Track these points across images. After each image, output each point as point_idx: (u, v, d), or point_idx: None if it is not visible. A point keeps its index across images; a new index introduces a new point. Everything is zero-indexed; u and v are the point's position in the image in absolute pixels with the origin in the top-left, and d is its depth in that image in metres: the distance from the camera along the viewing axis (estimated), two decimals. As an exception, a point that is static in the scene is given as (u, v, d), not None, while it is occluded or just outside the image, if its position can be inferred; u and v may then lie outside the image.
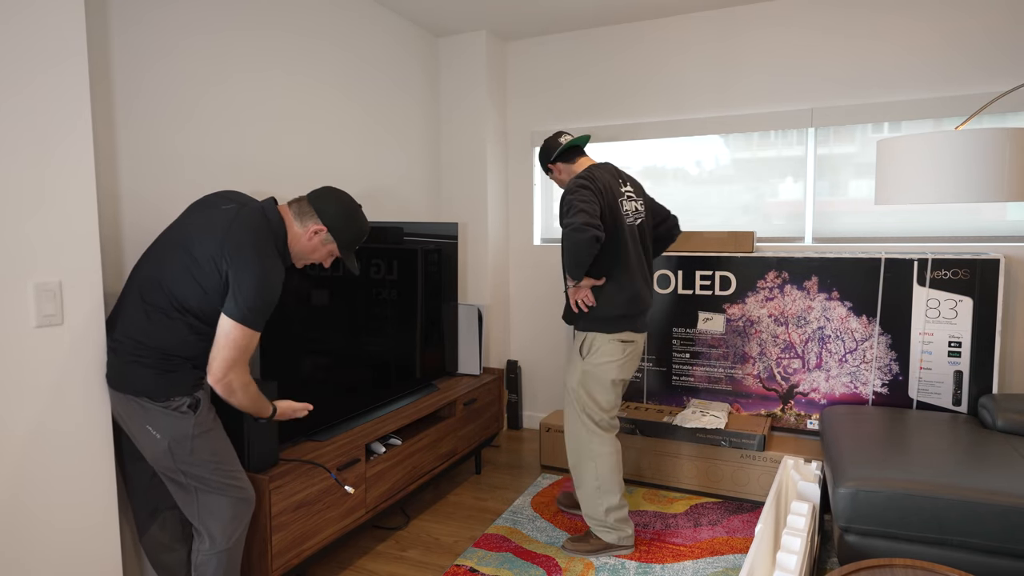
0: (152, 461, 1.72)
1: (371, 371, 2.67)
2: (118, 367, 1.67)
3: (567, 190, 2.29)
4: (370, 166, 3.22)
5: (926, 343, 2.88)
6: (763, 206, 3.40)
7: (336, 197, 1.84)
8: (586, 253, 2.14)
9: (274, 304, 1.70)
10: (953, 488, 1.95)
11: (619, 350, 2.38)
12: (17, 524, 1.54)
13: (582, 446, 2.43)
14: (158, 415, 1.67)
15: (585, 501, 2.44)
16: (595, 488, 2.40)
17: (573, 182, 2.30)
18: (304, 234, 1.80)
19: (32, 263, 1.55)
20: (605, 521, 2.41)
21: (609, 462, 2.40)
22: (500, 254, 3.92)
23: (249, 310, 1.64)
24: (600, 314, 2.35)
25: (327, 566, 2.41)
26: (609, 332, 2.36)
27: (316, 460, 2.13)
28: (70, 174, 1.62)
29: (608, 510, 2.40)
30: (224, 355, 1.65)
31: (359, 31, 3.10)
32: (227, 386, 1.68)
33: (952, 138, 1.85)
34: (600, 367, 2.37)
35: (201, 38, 2.28)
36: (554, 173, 2.56)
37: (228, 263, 1.64)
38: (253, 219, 1.70)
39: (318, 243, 1.82)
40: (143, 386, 1.66)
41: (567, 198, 2.25)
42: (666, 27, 3.49)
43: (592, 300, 2.34)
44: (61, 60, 1.59)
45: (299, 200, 1.82)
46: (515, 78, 3.90)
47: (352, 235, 1.86)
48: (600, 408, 2.41)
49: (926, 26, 2.99)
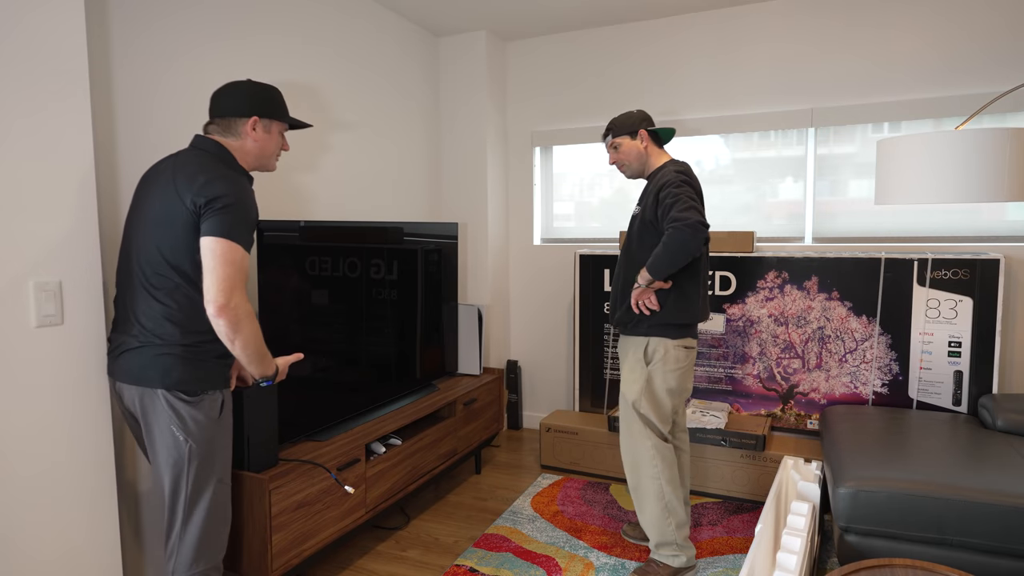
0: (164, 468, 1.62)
1: (371, 371, 2.67)
2: (146, 361, 1.58)
3: (670, 182, 2.11)
4: (370, 165, 3.22)
5: (926, 343, 2.88)
6: (763, 206, 3.40)
7: (232, 88, 1.71)
8: (692, 254, 2.01)
9: (253, 218, 1.60)
10: (953, 488, 1.95)
11: (684, 356, 2.24)
12: (17, 524, 1.54)
13: (643, 463, 2.24)
14: (187, 415, 1.59)
15: (653, 525, 2.25)
16: (661, 508, 2.22)
17: (676, 176, 2.13)
18: (245, 139, 1.70)
19: (32, 263, 1.55)
20: (676, 540, 2.23)
21: (673, 475, 2.24)
22: (500, 254, 3.92)
23: (229, 223, 1.53)
24: (667, 319, 2.19)
25: (327, 566, 2.41)
26: (675, 338, 2.21)
27: (316, 460, 2.13)
28: (70, 174, 1.62)
29: (679, 526, 2.24)
30: (219, 274, 1.52)
31: (359, 31, 3.10)
32: (232, 314, 1.53)
33: (952, 138, 1.85)
34: (667, 374, 2.21)
35: (202, 40, 2.28)
36: (622, 148, 2.30)
37: (190, 192, 1.54)
38: (191, 153, 1.63)
39: (263, 134, 1.72)
40: (176, 377, 1.58)
41: (673, 191, 2.08)
42: (666, 27, 3.49)
43: (656, 304, 2.17)
44: (61, 60, 1.59)
45: (210, 123, 1.72)
46: (515, 78, 3.90)
47: (275, 101, 1.75)
48: (664, 419, 2.25)
49: (926, 26, 2.99)
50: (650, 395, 2.23)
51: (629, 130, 2.29)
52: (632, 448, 2.26)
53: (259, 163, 1.76)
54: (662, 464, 2.23)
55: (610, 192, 3.76)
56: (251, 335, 1.58)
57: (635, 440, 2.25)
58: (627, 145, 2.29)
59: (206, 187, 1.53)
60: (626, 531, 2.60)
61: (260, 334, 1.62)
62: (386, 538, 2.62)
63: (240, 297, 1.54)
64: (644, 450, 2.23)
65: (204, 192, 1.53)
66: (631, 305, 2.23)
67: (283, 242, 2.20)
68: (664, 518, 2.23)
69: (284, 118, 1.77)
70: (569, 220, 3.89)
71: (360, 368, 2.60)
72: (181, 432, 1.59)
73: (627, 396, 2.25)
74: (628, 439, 2.27)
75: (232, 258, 1.53)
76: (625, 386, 2.27)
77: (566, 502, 2.92)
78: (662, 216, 2.11)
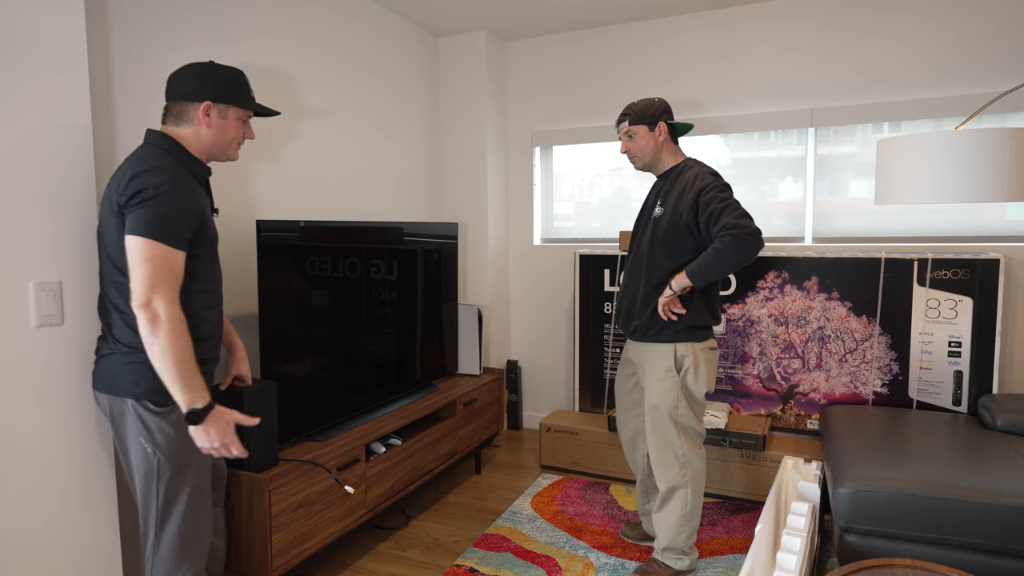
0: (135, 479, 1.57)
1: (371, 371, 2.67)
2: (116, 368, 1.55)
3: (711, 185, 2.03)
4: (370, 166, 3.22)
5: (926, 343, 2.88)
6: (763, 206, 3.40)
7: (186, 70, 1.58)
8: (746, 263, 1.96)
9: (188, 215, 1.48)
10: (953, 488, 1.95)
11: (712, 357, 2.20)
12: (17, 524, 1.54)
13: (677, 471, 2.18)
14: (155, 427, 1.53)
15: (667, 529, 2.22)
16: (681, 516, 2.20)
17: (713, 179, 2.06)
18: (199, 126, 1.57)
19: (32, 263, 1.55)
20: (683, 547, 2.22)
21: (702, 484, 2.21)
22: (500, 254, 3.92)
23: (148, 219, 1.42)
24: (693, 322, 2.12)
25: (327, 566, 2.41)
26: (701, 340, 2.16)
27: (316, 460, 2.13)
28: (70, 174, 1.62)
29: (690, 534, 2.22)
30: (137, 273, 1.42)
31: (359, 31, 3.10)
32: (151, 314, 1.41)
33: (952, 138, 1.85)
34: (700, 377, 2.15)
35: (201, 40, 2.28)
36: (637, 137, 2.18)
37: (116, 192, 1.46)
38: (136, 151, 1.54)
39: (217, 121, 1.59)
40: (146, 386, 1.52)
41: (719, 195, 2.00)
42: (666, 27, 3.49)
43: (682, 308, 2.10)
44: (62, 60, 1.59)
45: (163, 111, 1.61)
46: (515, 78, 3.90)
47: (233, 85, 1.60)
48: (699, 426, 2.21)
49: (926, 26, 2.99)
50: (687, 401, 2.17)
51: (648, 120, 2.15)
52: (668, 460, 2.19)
53: (215, 153, 1.62)
54: (691, 473, 2.19)
55: (610, 192, 3.76)
56: (171, 346, 1.43)
57: (671, 451, 2.19)
58: (643, 135, 2.17)
59: (129, 184, 1.44)
60: (624, 531, 2.59)
61: (187, 351, 1.45)
62: (386, 538, 2.62)
63: (163, 300, 1.43)
64: (676, 459, 2.18)
65: (127, 190, 1.44)
66: (657, 311, 2.13)
67: (283, 242, 2.20)
68: (680, 526, 2.20)
69: (243, 104, 1.61)
70: (569, 220, 3.89)
71: (360, 368, 2.60)
72: (149, 444, 1.53)
73: (661, 407, 2.16)
74: (662, 451, 2.20)
75: (150, 255, 1.42)
76: (656, 397, 2.17)
77: (566, 502, 2.92)
78: (709, 221, 2.01)
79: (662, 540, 2.24)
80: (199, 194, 1.55)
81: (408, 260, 2.86)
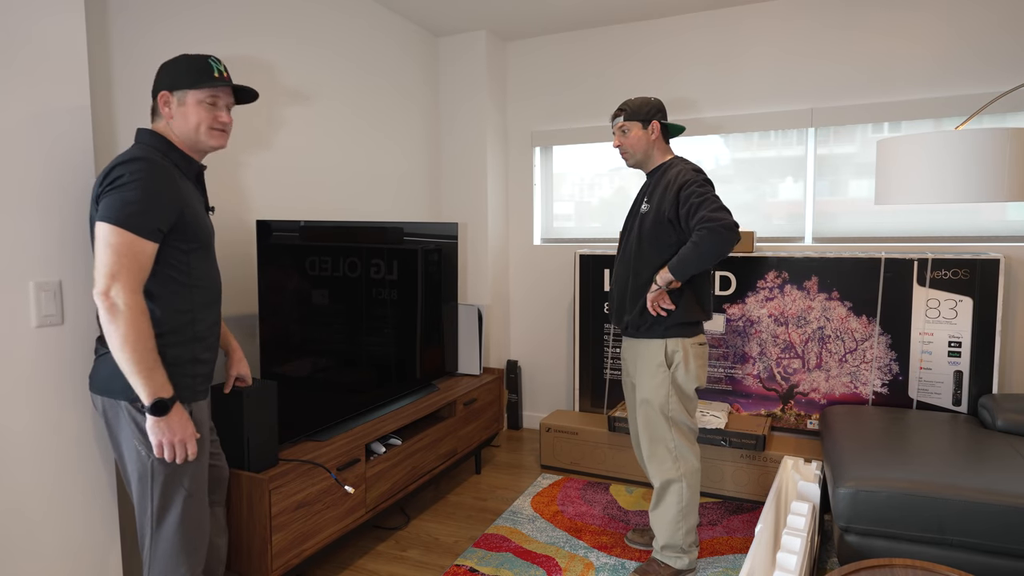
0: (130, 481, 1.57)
1: (371, 371, 2.67)
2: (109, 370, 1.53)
3: (691, 180, 2.08)
4: (370, 166, 3.22)
5: (926, 343, 2.88)
6: (763, 206, 3.40)
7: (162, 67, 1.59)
8: (723, 256, 1.99)
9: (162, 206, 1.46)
10: (953, 488, 1.95)
11: (702, 354, 2.23)
12: (17, 523, 1.54)
13: (670, 464, 2.21)
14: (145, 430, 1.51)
15: (664, 526, 2.24)
16: (678, 511, 2.21)
17: (695, 175, 2.10)
18: (167, 119, 1.57)
19: (32, 263, 1.55)
20: (682, 545, 2.23)
21: (697, 479, 2.23)
22: (500, 254, 3.92)
23: (115, 206, 1.41)
24: (683, 318, 2.15)
25: (327, 566, 2.41)
26: (691, 336, 2.19)
27: (316, 460, 2.13)
28: (71, 174, 1.62)
29: (688, 531, 2.23)
30: (101, 260, 1.40)
31: (359, 31, 3.10)
32: (110, 303, 1.39)
33: (952, 138, 1.85)
34: (691, 372, 2.18)
35: (201, 40, 2.28)
36: (630, 134, 2.22)
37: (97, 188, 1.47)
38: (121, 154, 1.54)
39: (177, 108, 1.56)
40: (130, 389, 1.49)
41: (698, 189, 2.04)
42: (666, 27, 3.49)
43: (671, 304, 2.14)
44: (62, 60, 1.59)
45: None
46: (515, 78, 3.90)
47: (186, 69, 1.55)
48: (691, 421, 2.23)
49: (926, 26, 2.99)
50: (678, 396, 2.20)
51: (643, 117, 2.21)
52: (661, 455, 2.22)
53: (189, 142, 1.59)
54: (685, 467, 2.20)
55: (610, 192, 3.76)
56: (130, 337, 1.40)
57: (665, 447, 2.21)
58: (636, 132, 2.22)
59: (107, 175, 1.45)
60: (631, 537, 2.56)
61: (148, 341, 1.43)
62: (386, 538, 2.62)
63: (122, 289, 1.40)
64: (669, 456, 2.21)
65: (103, 181, 1.45)
66: (647, 307, 2.17)
67: (283, 242, 2.20)
68: (677, 522, 2.22)
69: (196, 85, 1.54)
70: (569, 220, 3.89)
71: (360, 368, 2.60)
72: (143, 447, 1.52)
73: (652, 402, 2.20)
74: (654, 447, 2.23)
75: (114, 242, 1.40)
76: (647, 392, 2.21)
77: (566, 502, 2.92)
78: (688, 215, 2.05)
79: (661, 538, 2.25)
80: (181, 187, 1.53)
81: (408, 260, 2.86)
